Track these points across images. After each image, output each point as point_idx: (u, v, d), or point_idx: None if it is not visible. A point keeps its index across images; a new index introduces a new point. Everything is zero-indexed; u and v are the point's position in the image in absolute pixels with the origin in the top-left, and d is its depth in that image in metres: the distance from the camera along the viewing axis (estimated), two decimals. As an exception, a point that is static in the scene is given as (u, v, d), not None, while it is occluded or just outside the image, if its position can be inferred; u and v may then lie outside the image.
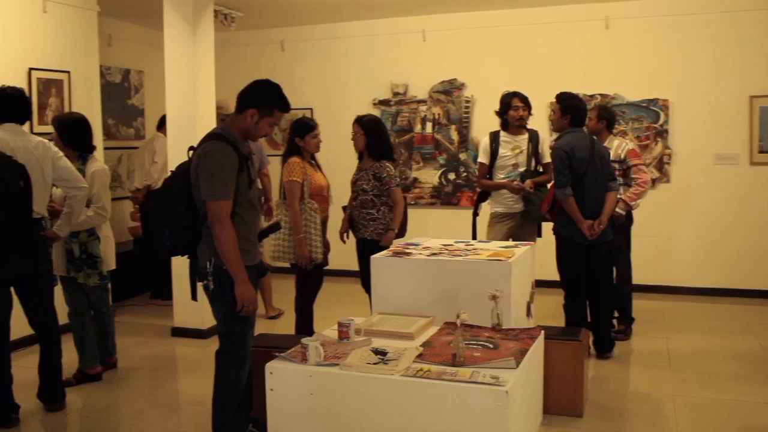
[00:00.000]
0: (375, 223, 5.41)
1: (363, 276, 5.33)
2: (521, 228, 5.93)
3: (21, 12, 6.14)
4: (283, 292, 7.54)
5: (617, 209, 5.80)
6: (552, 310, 5.96)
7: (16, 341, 4.92)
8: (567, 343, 4.30)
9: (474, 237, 6.01)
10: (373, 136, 5.45)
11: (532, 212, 5.84)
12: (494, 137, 6.00)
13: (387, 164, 5.43)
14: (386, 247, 5.10)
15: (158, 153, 7.47)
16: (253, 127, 3.71)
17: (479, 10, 8.11)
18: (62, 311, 5.15)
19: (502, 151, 5.94)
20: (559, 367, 4.25)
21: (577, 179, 5.32)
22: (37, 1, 6.25)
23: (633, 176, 5.94)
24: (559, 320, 5.66)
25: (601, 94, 7.76)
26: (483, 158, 6.04)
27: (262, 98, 3.71)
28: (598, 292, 5.52)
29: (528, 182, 5.84)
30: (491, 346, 3.47)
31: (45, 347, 4.73)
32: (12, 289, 4.58)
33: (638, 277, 6.40)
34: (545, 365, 4.14)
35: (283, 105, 3.76)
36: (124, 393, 5.24)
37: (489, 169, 6.00)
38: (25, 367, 4.99)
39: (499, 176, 5.94)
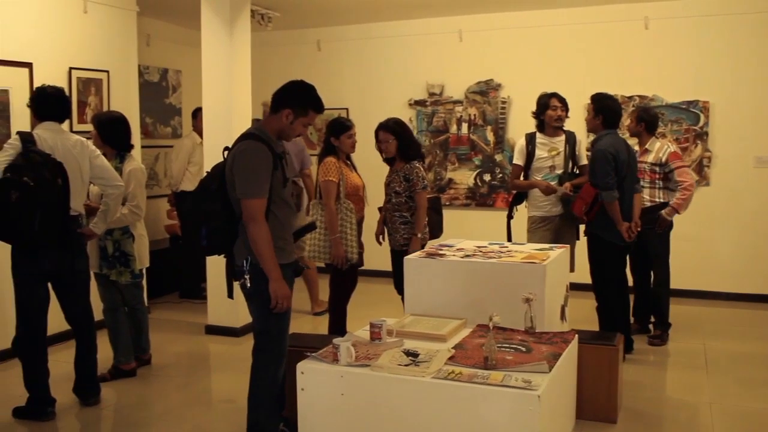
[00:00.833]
0: (406, 227, 5.39)
1: (396, 278, 5.35)
2: (560, 231, 5.87)
3: (62, 13, 6.23)
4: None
5: (666, 215, 5.85)
6: (587, 313, 5.89)
7: (53, 336, 4.98)
8: (601, 348, 4.24)
9: (509, 239, 5.96)
10: (402, 138, 5.43)
11: (571, 215, 5.78)
12: (530, 139, 5.93)
13: (417, 165, 5.42)
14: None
15: (173, 156, 7.52)
16: (287, 127, 3.73)
17: (517, 10, 8.05)
18: (98, 307, 5.22)
19: (539, 152, 5.87)
20: (592, 371, 4.20)
21: (619, 182, 5.29)
22: (77, 2, 6.34)
23: (677, 179, 5.86)
24: (593, 324, 5.60)
25: (639, 96, 7.66)
26: (518, 160, 5.97)
27: (297, 99, 3.74)
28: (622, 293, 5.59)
29: (567, 185, 5.78)
30: (524, 349, 3.44)
31: (81, 343, 4.79)
32: (49, 285, 4.65)
33: (676, 282, 6.31)
34: (579, 370, 4.09)
35: (318, 106, 3.78)
36: (158, 389, 5.28)
37: (525, 171, 5.94)
38: (62, 362, 5.06)
39: (536, 178, 5.88)
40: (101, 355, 4.97)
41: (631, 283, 5.97)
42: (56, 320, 4.81)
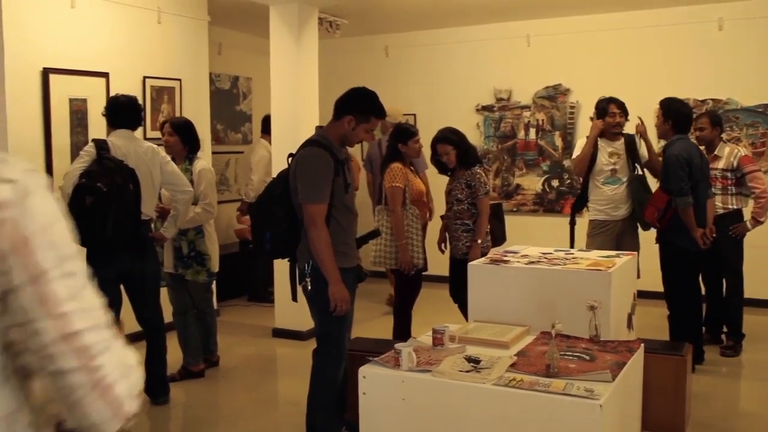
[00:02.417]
0: (468, 234, 5.37)
1: (453, 286, 5.36)
2: (623, 236, 5.75)
3: (137, 24, 6.43)
4: (381, 295, 7.61)
5: (749, 226, 5.77)
6: (657, 322, 5.77)
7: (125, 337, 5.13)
8: (668, 358, 4.15)
9: (571, 245, 5.88)
10: (460, 146, 5.42)
11: (639, 217, 5.67)
12: (592, 142, 5.83)
13: (478, 171, 5.40)
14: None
15: (254, 168, 7.65)
16: (349, 133, 3.79)
17: (585, 13, 7.95)
18: (168, 309, 5.35)
19: (600, 157, 5.75)
20: (659, 382, 4.10)
21: (692, 187, 5.18)
22: (152, 14, 6.53)
23: (749, 184, 5.70)
24: (663, 333, 5.48)
25: (713, 99, 7.47)
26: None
27: (359, 105, 3.78)
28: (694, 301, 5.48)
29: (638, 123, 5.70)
30: (587, 357, 3.39)
31: (151, 344, 4.93)
32: (122, 287, 4.79)
33: (750, 291, 6.12)
34: (645, 380, 4.00)
35: (379, 111, 3.83)
36: (225, 390, 5.39)
37: (586, 175, 5.84)
38: (134, 362, 5.20)
39: (597, 182, 5.77)
40: (171, 357, 5.10)
41: (703, 291, 5.82)
42: (128, 322, 4.96)
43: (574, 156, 5.95)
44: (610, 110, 5.74)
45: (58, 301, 1.22)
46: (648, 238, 5.71)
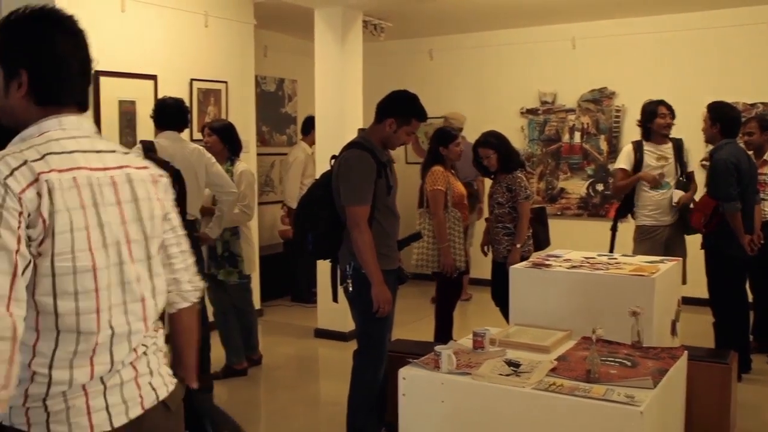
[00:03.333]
0: (509, 238, 5.35)
1: (494, 289, 5.35)
2: (671, 242, 5.67)
3: (185, 27, 6.54)
4: (422, 297, 7.62)
5: None
6: (702, 329, 5.68)
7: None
8: (712, 366, 4.08)
9: (611, 251, 5.79)
10: (501, 150, 5.40)
11: (686, 222, 5.59)
12: (638, 146, 5.72)
13: (519, 175, 5.38)
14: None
15: (292, 169, 7.71)
16: (391, 136, 3.81)
17: (631, 16, 7.86)
18: (211, 309, 5.43)
19: (648, 160, 5.67)
20: (703, 390, 4.04)
21: (741, 192, 5.10)
22: (199, 17, 6.63)
23: None
24: (708, 341, 5.40)
25: (762, 103, 7.33)
26: (624, 164, 5.71)
27: (400, 108, 3.81)
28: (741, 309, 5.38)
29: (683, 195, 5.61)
30: (629, 364, 3.36)
31: (195, 342, 5.00)
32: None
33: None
34: (688, 388, 3.94)
35: (420, 114, 3.84)
36: (267, 389, 5.46)
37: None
38: (178, 360, 5.28)
39: (645, 186, 5.69)
40: (214, 355, 5.18)
41: (750, 299, 5.72)
42: (173, 320, 5.03)
43: (620, 165, 5.76)
44: (659, 112, 5.66)
45: None
46: (694, 243, 5.62)
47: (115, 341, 1.72)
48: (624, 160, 5.76)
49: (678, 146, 5.73)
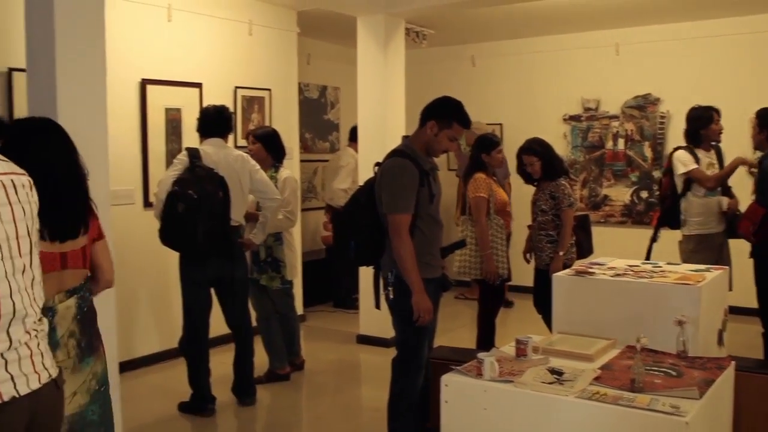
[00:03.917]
0: (552, 246, 5.32)
1: (537, 297, 5.33)
2: (722, 249, 5.57)
3: (230, 36, 6.63)
4: (464, 305, 7.60)
5: None
6: (750, 339, 5.58)
7: (215, 338, 5.28)
8: (761, 377, 4.00)
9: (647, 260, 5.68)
10: (545, 157, 5.37)
11: (733, 230, 5.49)
12: (691, 152, 5.63)
13: (563, 183, 5.35)
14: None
15: (342, 173, 7.73)
16: (432, 140, 3.80)
17: (675, 21, 7.77)
18: (255, 313, 5.49)
19: (701, 167, 5.56)
20: (751, 402, 3.96)
21: None
22: (243, 25, 6.72)
23: None
24: (757, 351, 5.30)
25: (813, 109, 7.18)
26: (696, 164, 5.51)
27: (442, 111, 3.81)
28: None
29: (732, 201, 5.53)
30: (674, 373, 3.32)
31: (239, 346, 5.06)
32: (212, 291, 4.95)
33: None
34: (735, 399, 3.88)
35: (462, 119, 3.82)
36: (309, 394, 5.49)
37: (687, 188, 5.63)
38: (223, 363, 5.35)
39: (698, 194, 5.57)
40: (258, 360, 5.23)
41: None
42: (218, 324, 5.11)
43: (693, 166, 5.50)
44: (714, 118, 5.57)
45: None
46: (743, 250, 5.51)
47: (13, 323, 2.02)
48: (692, 161, 5.54)
49: (719, 152, 5.65)
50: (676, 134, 7.78)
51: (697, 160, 5.51)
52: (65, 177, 2.77)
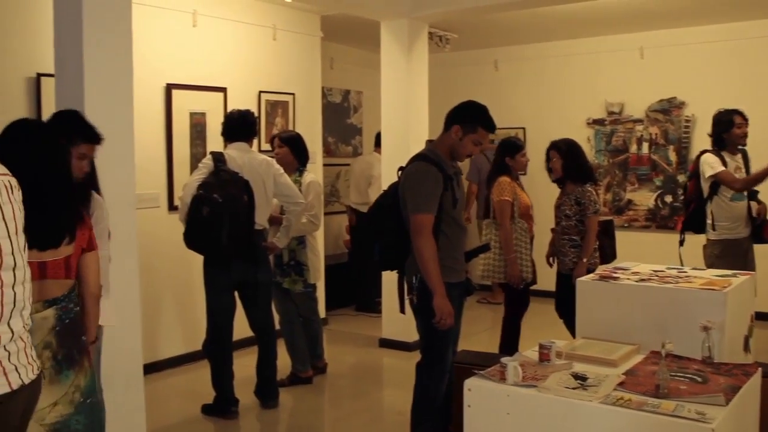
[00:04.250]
0: (576, 250, 5.30)
1: (558, 301, 5.32)
2: (747, 254, 5.52)
3: (254, 41, 6.68)
4: (487, 308, 7.59)
5: None
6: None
7: (238, 341, 5.30)
8: (789, 384, 3.96)
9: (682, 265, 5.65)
10: (570, 159, 5.34)
11: (759, 235, 5.44)
12: (718, 155, 5.58)
13: (589, 189, 5.31)
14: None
15: (375, 183, 7.74)
16: (457, 144, 3.81)
17: (700, 24, 7.71)
18: (278, 316, 5.51)
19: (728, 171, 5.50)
20: (778, 409, 3.93)
21: None
22: (267, 30, 6.76)
23: None
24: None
25: (842, 113, 7.10)
26: (723, 166, 5.43)
27: (466, 115, 3.81)
28: None
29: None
30: (699, 379, 3.29)
31: (262, 349, 5.09)
32: (236, 294, 4.97)
33: None
34: (762, 406, 3.84)
35: (488, 123, 3.82)
36: (332, 397, 5.51)
37: (713, 192, 5.58)
38: (246, 366, 5.38)
39: (725, 198, 5.53)
40: (280, 362, 5.25)
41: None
42: (242, 327, 5.14)
43: (720, 168, 5.43)
44: (736, 121, 5.52)
45: None
46: (764, 255, 5.47)
47: (14, 314, 2.14)
48: (719, 164, 5.47)
49: (745, 156, 5.60)
50: (701, 138, 7.72)
51: (724, 164, 5.47)
52: (47, 183, 2.68)
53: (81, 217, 2.86)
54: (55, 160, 2.75)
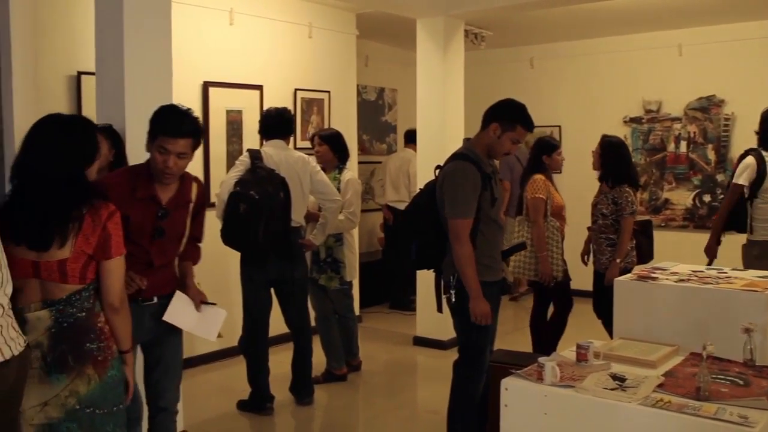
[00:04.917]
0: (613, 249, 5.24)
1: (596, 300, 5.28)
2: None
3: (290, 39, 6.71)
4: (520, 307, 7.55)
5: None
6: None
7: (274, 338, 5.34)
8: (833, 387, 3.89)
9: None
10: (609, 158, 5.28)
11: None
12: (760, 158, 5.46)
13: (627, 189, 5.23)
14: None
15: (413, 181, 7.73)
16: (495, 142, 3.78)
17: (740, 21, 7.59)
18: (313, 314, 5.54)
19: None
20: (822, 412, 3.85)
21: None
22: (303, 29, 6.79)
23: None
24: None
25: None
26: (744, 179, 5.34)
27: (506, 114, 3.79)
28: None
29: None
30: (741, 382, 3.24)
31: (298, 346, 5.11)
32: (272, 291, 5.00)
33: None
34: (805, 409, 3.78)
35: (526, 122, 3.80)
36: (366, 395, 5.52)
37: (753, 193, 5.47)
38: (281, 363, 5.40)
39: (765, 199, 5.41)
40: (315, 360, 5.27)
41: None
42: (278, 323, 5.17)
43: (739, 181, 5.34)
44: None
45: None
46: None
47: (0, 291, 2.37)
48: (744, 175, 5.36)
49: None
50: (741, 136, 7.62)
51: (763, 169, 5.34)
52: (40, 183, 2.61)
53: (80, 222, 2.62)
54: (56, 161, 2.63)
